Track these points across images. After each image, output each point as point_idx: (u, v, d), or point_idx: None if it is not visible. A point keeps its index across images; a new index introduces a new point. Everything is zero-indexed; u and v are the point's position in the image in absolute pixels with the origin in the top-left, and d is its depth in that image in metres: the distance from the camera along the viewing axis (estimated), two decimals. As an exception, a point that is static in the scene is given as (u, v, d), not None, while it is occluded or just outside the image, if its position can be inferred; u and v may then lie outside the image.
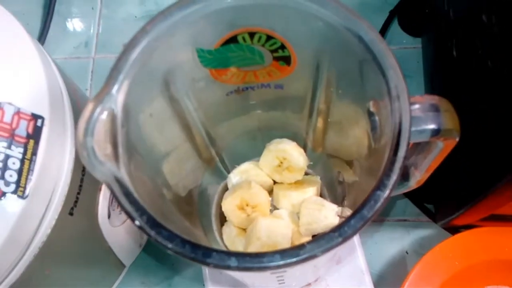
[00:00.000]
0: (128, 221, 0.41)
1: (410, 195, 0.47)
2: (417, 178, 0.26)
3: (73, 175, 0.30)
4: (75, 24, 0.59)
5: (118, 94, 0.19)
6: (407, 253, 0.48)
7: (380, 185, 0.17)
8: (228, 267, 0.16)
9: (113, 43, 0.58)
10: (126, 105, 0.19)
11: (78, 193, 0.32)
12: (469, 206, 0.37)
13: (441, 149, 0.22)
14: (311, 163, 0.34)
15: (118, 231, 0.39)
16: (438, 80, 0.41)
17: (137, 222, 0.17)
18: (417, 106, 0.20)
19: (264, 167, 0.32)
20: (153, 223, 0.17)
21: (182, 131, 0.27)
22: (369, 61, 0.19)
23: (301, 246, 0.16)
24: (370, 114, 0.21)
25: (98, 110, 0.18)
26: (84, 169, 0.33)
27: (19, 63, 0.29)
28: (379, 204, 0.17)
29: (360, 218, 0.16)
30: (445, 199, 0.44)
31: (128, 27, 0.59)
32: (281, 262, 0.16)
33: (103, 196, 0.36)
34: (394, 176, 0.17)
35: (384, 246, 0.48)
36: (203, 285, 0.48)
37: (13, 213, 0.26)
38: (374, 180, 0.20)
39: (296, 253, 0.16)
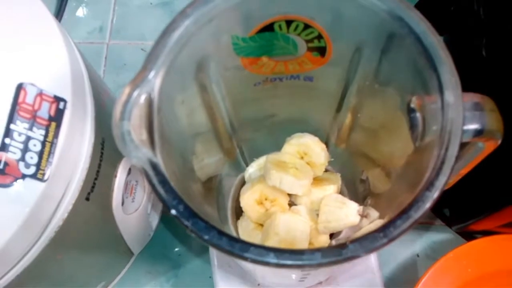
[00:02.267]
0: (140, 209, 0.41)
1: (425, 198, 0.46)
2: (448, 181, 0.25)
3: (91, 160, 0.30)
4: (90, 9, 0.58)
5: (155, 79, 0.18)
6: (418, 256, 0.48)
7: (429, 186, 0.16)
8: (267, 263, 0.15)
9: (127, 29, 0.57)
10: (162, 90, 0.18)
11: (96, 179, 0.31)
12: (489, 212, 0.36)
13: (481, 150, 0.22)
14: (332, 159, 0.33)
15: (130, 219, 0.39)
16: (462, 80, 0.40)
17: (173, 211, 0.16)
18: (461, 104, 0.19)
19: None
20: (190, 213, 0.16)
21: (208, 119, 0.27)
22: (418, 54, 0.18)
23: (343, 246, 0.16)
24: (411, 111, 0.20)
25: (135, 94, 0.17)
26: (102, 155, 0.32)
27: (43, 43, 0.28)
28: (427, 205, 0.16)
29: (406, 219, 0.16)
30: (463, 203, 0.43)
31: (143, 13, 0.58)
32: (322, 261, 0.15)
33: (118, 183, 0.35)
34: (444, 177, 0.16)
35: (395, 248, 0.48)
36: (209, 276, 0.48)
37: (32, 196, 0.26)
38: (409, 181, 0.20)
39: (338, 252, 0.16)
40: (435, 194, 0.16)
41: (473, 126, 0.19)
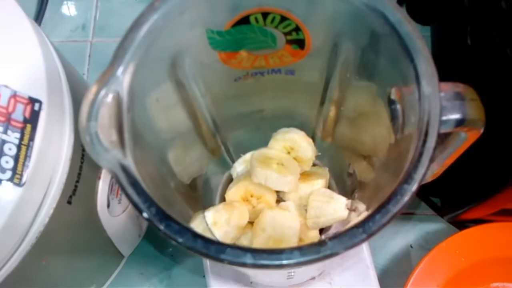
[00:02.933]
0: (128, 210, 0.40)
1: (416, 188, 0.46)
2: (434, 171, 0.24)
3: (71, 162, 0.29)
4: (72, 7, 0.57)
5: (124, 76, 0.17)
6: (411, 247, 0.47)
7: (407, 178, 0.16)
8: (244, 264, 0.15)
9: (111, 26, 0.56)
10: (132, 88, 0.18)
11: (77, 181, 0.30)
12: (480, 201, 0.36)
13: (464, 140, 0.21)
14: (319, 153, 0.32)
15: (117, 221, 0.38)
16: (448, 69, 0.39)
17: (145, 214, 0.16)
18: (441, 94, 0.19)
19: None
20: (163, 216, 0.16)
21: (188, 117, 0.26)
22: (395, 44, 0.18)
23: (322, 243, 0.15)
24: (391, 103, 0.20)
25: (102, 92, 0.16)
26: (83, 156, 0.31)
27: (16, 43, 0.28)
28: (406, 198, 0.15)
29: (385, 213, 0.15)
30: (453, 193, 0.43)
31: (127, 10, 0.57)
32: (301, 260, 0.15)
33: (103, 185, 0.34)
34: (423, 169, 0.16)
35: (389, 239, 0.47)
36: (203, 276, 0.48)
37: (9, 201, 0.25)
38: (393, 173, 0.19)
39: (316, 250, 0.15)
40: (413, 187, 0.16)
41: (454, 116, 0.19)
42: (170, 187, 0.24)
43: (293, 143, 0.31)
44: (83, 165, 0.31)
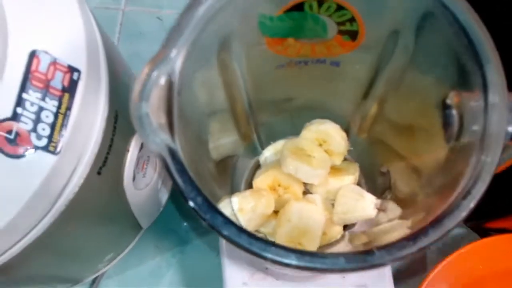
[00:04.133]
0: (151, 184, 0.40)
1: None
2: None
3: (104, 134, 0.29)
4: (106, -28, 0.56)
5: (177, 59, 0.17)
6: (428, 249, 0.47)
7: (466, 194, 0.15)
8: (287, 265, 0.15)
9: (145, -4, 0.55)
10: (183, 71, 0.17)
11: (108, 153, 0.30)
12: (509, 213, 0.35)
13: (514, 155, 0.20)
14: (351, 148, 0.32)
15: (140, 194, 0.38)
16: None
17: (191, 203, 0.15)
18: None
19: None
20: (208, 207, 0.15)
21: (227, 99, 0.25)
22: (462, 47, 0.16)
23: (369, 252, 0.15)
24: (446, 107, 0.19)
25: (155, 74, 0.16)
26: (115, 129, 0.31)
27: (58, 9, 0.27)
28: (463, 214, 0.15)
29: (439, 228, 0.15)
30: (481, 200, 0.42)
31: (162, -20, 0.56)
32: (346, 267, 0.14)
33: (130, 158, 0.34)
34: (483, 186, 0.15)
35: (406, 238, 0.47)
36: (216, 254, 0.48)
37: (43, 169, 0.25)
38: (440, 182, 0.18)
39: (363, 259, 0.15)
40: (471, 203, 0.15)
41: (511, 129, 0.18)
42: (204, 167, 0.23)
43: (327, 136, 0.30)
44: (114, 137, 0.31)
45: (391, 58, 0.23)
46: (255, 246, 0.15)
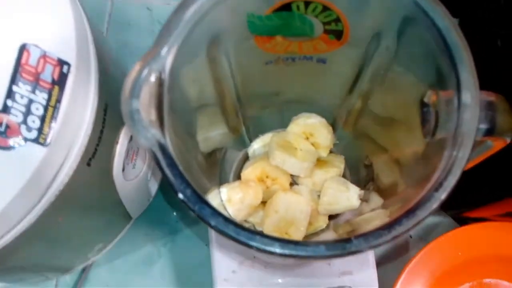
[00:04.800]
0: (140, 175, 0.41)
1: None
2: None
3: (94, 125, 0.29)
4: (95, -40, 0.56)
5: (168, 57, 0.17)
6: (411, 237, 0.48)
7: (438, 187, 0.16)
8: (271, 252, 0.15)
9: (133, -15, 0.55)
10: (173, 68, 0.18)
11: (97, 145, 0.31)
12: (488, 202, 0.36)
13: (489, 148, 0.21)
14: (337, 142, 0.33)
15: (130, 185, 0.39)
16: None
17: (180, 196, 0.16)
18: (475, 103, 0.19)
19: None
20: (197, 198, 0.16)
21: (216, 94, 0.26)
22: (439, 49, 0.17)
23: (348, 240, 0.16)
24: (424, 105, 0.20)
25: (145, 71, 0.16)
26: (104, 121, 0.31)
27: (48, 1, 0.27)
28: (434, 205, 0.16)
29: (412, 218, 0.16)
30: (461, 190, 0.43)
31: (151, -31, 0.55)
32: (326, 253, 0.15)
33: (120, 149, 0.35)
34: (454, 179, 0.16)
35: (389, 227, 0.48)
36: (206, 244, 0.49)
37: (33, 160, 0.25)
38: (417, 174, 0.20)
39: (342, 246, 0.16)
40: (442, 195, 0.16)
41: (484, 126, 0.19)
42: (193, 159, 0.24)
43: (313, 129, 0.31)
44: (104, 129, 0.31)
45: (374, 57, 0.24)
46: (241, 235, 0.16)
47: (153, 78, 0.16)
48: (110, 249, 0.44)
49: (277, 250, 0.15)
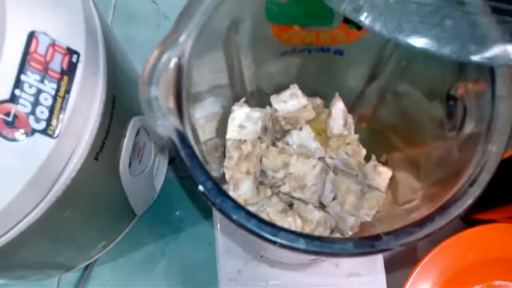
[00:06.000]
0: (146, 171, 0.40)
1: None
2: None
3: (102, 118, 0.29)
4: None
5: (186, 43, 0.16)
6: (419, 238, 0.48)
7: (472, 182, 0.15)
8: (296, 249, 0.15)
9: (139, -22, 0.54)
10: (191, 56, 0.17)
11: (105, 138, 0.30)
12: (499, 204, 0.35)
13: (513, 146, 0.20)
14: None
15: (135, 181, 0.38)
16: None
17: (201, 188, 0.15)
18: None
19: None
20: (218, 191, 0.15)
21: (229, 84, 0.25)
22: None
23: (377, 237, 0.15)
24: (449, 98, 0.19)
25: (164, 57, 0.16)
26: (112, 114, 0.31)
27: (57, -12, 0.26)
28: (469, 201, 0.15)
29: (446, 215, 0.15)
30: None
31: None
32: (354, 251, 0.15)
33: (127, 144, 0.34)
34: (488, 175, 0.15)
35: (397, 228, 0.48)
36: (209, 243, 0.48)
37: (41, 153, 0.24)
38: (441, 170, 0.19)
39: (370, 244, 0.15)
40: (477, 191, 0.15)
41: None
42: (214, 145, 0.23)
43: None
44: (111, 122, 0.30)
45: (395, 49, 0.23)
46: (264, 230, 0.15)
47: (172, 65, 0.16)
48: (113, 247, 0.43)
49: (303, 246, 0.15)
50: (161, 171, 0.44)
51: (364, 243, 0.15)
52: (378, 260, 0.40)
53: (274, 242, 0.15)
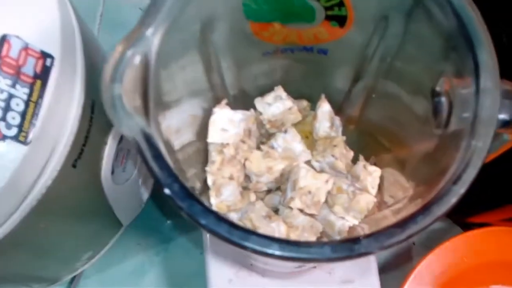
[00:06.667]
0: (131, 180, 0.39)
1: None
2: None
3: (80, 124, 0.28)
4: (87, -41, 0.54)
5: (154, 38, 0.15)
6: (414, 244, 0.47)
7: (456, 180, 0.14)
8: (269, 255, 0.14)
9: (126, -15, 0.53)
10: (161, 52, 0.16)
11: (84, 145, 0.29)
12: (493, 207, 0.35)
13: (505, 142, 0.20)
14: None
15: (119, 189, 0.37)
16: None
17: (166, 191, 0.14)
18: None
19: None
20: (186, 194, 0.14)
21: (208, 88, 0.24)
22: (454, 30, 0.16)
23: (356, 240, 0.14)
24: (435, 94, 0.18)
25: (129, 53, 0.15)
26: (91, 119, 0.30)
27: (30, -10, 0.26)
28: (453, 200, 0.14)
29: (428, 214, 0.14)
30: (466, 195, 0.41)
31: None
32: (332, 256, 0.14)
33: (108, 151, 0.33)
34: (474, 171, 0.14)
35: (392, 234, 0.46)
36: (200, 253, 0.47)
37: (13, 160, 0.23)
38: (428, 168, 0.18)
39: (349, 248, 0.14)
40: (462, 188, 0.14)
41: (502, 116, 0.17)
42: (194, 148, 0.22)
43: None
44: (91, 128, 0.29)
45: (380, 44, 0.22)
46: (235, 235, 0.14)
47: (137, 61, 0.15)
48: (100, 258, 0.42)
49: (276, 252, 0.14)
50: (148, 179, 0.43)
51: (343, 247, 0.14)
52: (372, 266, 0.39)
53: (245, 247, 0.14)
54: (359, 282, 0.39)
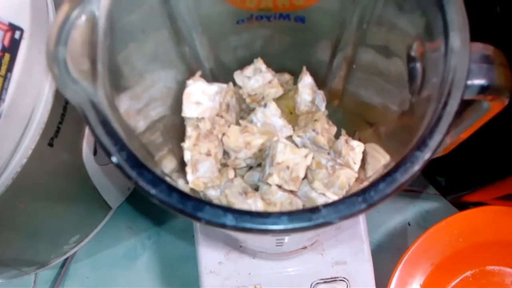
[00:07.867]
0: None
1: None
2: (446, 145, 0.22)
3: (54, 100, 0.27)
4: None
5: (103, -4, 0.14)
6: (409, 224, 0.46)
7: (421, 145, 0.13)
8: (223, 226, 0.13)
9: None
10: (112, 11, 0.15)
11: (60, 123, 0.28)
12: (487, 183, 0.33)
13: (485, 111, 0.19)
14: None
15: (104, 170, 0.36)
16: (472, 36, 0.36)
17: (114, 159, 0.13)
18: (468, 52, 0.16)
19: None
20: (135, 162, 0.13)
21: (181, 61, 0.23)
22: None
23: (315, 210, 0.13)
24: (411, 60, 0.17)
25: (75, 13, 0.14)
26: (69, 97, 0.29)
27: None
28: (416, 167, 0.13)
29: (391, 182, 0.13)
30: (460, 173, 0.40)
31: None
32: (289, 226, 0.13)
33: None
34: (440, 136, 0.13)
35: (386, 215, 0.46)
36: (192, 236, 0.47)
37: (-19, 136, 0.23)
38: (401, 142, 0.17)
39: (307, 217, 0.13)
40: (426, 154, 0.13)
41: (478, 81, 0.16)
42: (143, 137, 0.21)
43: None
44: (67, 105, 0.29)
45: (356, 9, 0.21)
46: (187, 206, 0.13)
47: (82, 21, 0.14)
48: (91, 242, 0.42)
49: (230, 222, 0.13)
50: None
51: (301, 217, 0.13)
52: (365, 248, 0.39)
53: (198, 219, 0.13)
54: (351, 263, 0.39)
